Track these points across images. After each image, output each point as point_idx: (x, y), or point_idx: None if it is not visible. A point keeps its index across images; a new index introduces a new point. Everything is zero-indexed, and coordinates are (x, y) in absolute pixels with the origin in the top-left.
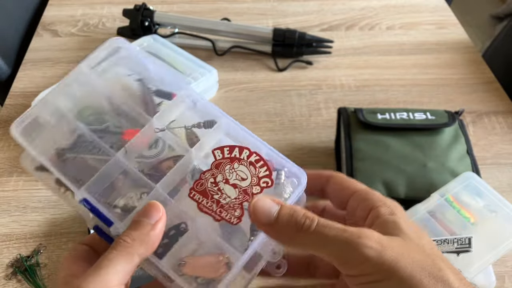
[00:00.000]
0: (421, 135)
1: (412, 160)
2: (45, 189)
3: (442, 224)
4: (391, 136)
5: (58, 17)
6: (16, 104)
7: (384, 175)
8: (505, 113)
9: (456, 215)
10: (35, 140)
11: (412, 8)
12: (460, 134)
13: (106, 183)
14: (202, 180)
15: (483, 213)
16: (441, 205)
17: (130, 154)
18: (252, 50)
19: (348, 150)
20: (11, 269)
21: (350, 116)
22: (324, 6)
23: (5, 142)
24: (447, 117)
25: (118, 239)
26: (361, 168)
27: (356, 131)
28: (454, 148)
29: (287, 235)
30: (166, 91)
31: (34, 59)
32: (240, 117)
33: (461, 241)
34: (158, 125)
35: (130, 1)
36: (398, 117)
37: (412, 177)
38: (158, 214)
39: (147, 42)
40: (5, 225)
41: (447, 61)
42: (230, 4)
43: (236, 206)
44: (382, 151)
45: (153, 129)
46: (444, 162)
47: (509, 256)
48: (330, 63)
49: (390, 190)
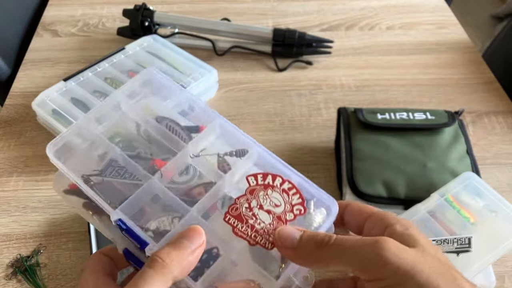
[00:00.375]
0: (421, 135)
1: (412, 160)
2: (46, 188)
3: (442, 224)
4: (391, 136)
5: (58, 17)
6: (16, 104)
7: (384, 175)
8: (505, 113)
9: (456, 215)
10: (68, 161)
11: (412, 8)
12: (460, 134)
13: (137, 207)
14: (236, 205)
15: (483, 213)
16: (441, 205)
17: (163, 179)
18: (252, 50)
19: (348, 150)
20: (11, 269)
21: (350, 116)
22: (324, 6)
23: (5, 142)
24: (447, 117)
25: (155, 256)
26: (361, 168)
27: (356, 131)
28: (454, 148)
29: (309, 255)
30: (193, 126)
31: (34, 59)
32: (240, 117)
33: (461, 241)
34: (193, 152)
35: (130, 1)
36: (398, 117)
37: (412, 177)
38: (200, 239)
39: (147, 42)
40: (5, 225)
41: (447, 61)
42: (230, 4)
43: (270, 231)
44: (382, 151)
45: (187, 155)
46: (444, 162)
47: (509, 256)
48: (330, 63)
49: (390, 190)
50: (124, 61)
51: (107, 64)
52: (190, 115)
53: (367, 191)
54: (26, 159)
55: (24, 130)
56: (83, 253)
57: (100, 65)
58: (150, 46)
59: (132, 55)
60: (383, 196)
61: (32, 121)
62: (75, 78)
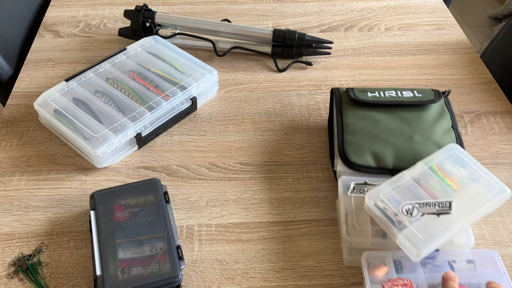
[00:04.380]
0: (408, 111)
1: (400, 133)
2: (48, 187)
3: (426, 190)
4: (380, 112)
5: (59, 18)
6: (18, 104)
7: (373, 146)
8: (503, 113)
9: (440, 183)
10: None
11: (411, 9)
12: (446, 111)
13: None
14: None
15: (465, 181)
16: (426, 173)
17: None
18: (252, 51)
19: (339, 125)
20: (13, 268)
21: (342, 95)
22: (324, 7)
23: (7, 142)
24: (433, 95)
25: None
26: (352, 140)
27: (347, 108)
28: (439, 123)
29: None
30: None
31: (36, 60)
32: (240, 117)
33: (442, 204)
34: None
35: (131, 2)
36: (387, 95)
37: (400, 149)
38: None
39: (148, 43)
40: (7, 224)
41: (446, 61)
42: (230, 5)
43: None
44: (372, 125)
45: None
46: (430, 135)
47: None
48: (329, 64)
49: (379, 161)
50: (125, 61)
51: (109, 65)
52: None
53: (357, 161)
54: (28, 158)
55: (26, 130)
56: (84, 252)
57: (102, 66)
58: (151, 46)
59: (133, 55)
60: (372, 166)
61: (34, 121)
62: (76, 78)
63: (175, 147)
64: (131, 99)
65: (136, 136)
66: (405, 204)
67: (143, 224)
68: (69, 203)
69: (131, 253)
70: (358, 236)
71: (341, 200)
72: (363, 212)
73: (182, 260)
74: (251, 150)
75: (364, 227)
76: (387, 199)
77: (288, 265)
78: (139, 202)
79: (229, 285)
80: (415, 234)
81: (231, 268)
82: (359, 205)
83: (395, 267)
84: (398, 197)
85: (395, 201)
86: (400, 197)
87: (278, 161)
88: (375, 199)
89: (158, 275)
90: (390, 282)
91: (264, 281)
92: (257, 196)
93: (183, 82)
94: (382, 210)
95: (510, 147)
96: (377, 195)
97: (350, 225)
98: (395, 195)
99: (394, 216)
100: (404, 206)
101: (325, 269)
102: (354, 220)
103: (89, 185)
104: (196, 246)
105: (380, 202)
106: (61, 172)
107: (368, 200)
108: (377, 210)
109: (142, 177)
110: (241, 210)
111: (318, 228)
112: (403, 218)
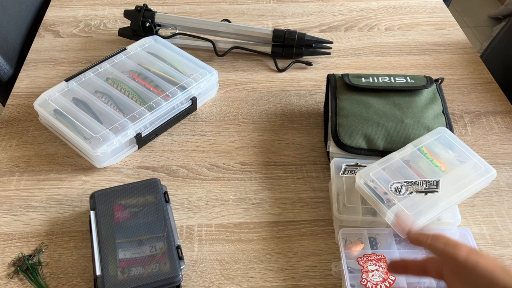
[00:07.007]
0: (400, 95)
1: (391, 117)
2: (48, 187)
3: (415, 170)
4: (373, 97)
5: (59, 18)
6: (18, 104)
7: (364, 129)
8: (503, 113)
9: (429, 164)
10: None
11: (411, 9)
12: (438, 97)
13: None
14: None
15: (453, 163)
16: (415, 155)
17: None
18: (252, 51)
19: (333, 108)
20: (13, 267)
21: (337, 80)
22: (324, 7)
23: (7, 142)
24: (426, 81)
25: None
26: (344, 123)
27: (341, 92)
28: (430, 108)
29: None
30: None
31: (36, 60)
32: (240, 117)
33: (429, 183)
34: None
35: (131, 2)
36: (381, 81)
37: (390, 132)
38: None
39: (148, 43)
40: (7, 224)
41: (446, 61)
42: (230, 5)
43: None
44: (364, 109)
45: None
46: (420, 119)
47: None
48: (329, 64)
49: (370, 143)
50: (125, 61)
51: (108, 65)
52: None
53: (349, 143)
54: (28, 158)
55: (26, 130)
56: (84, 252)
57: (102, 66)
58: (151, 46)
59: (133, 55)
60: (363, 148)
61: (34, 121)
62: (76, 78)
63: (175, 147)
64: (131, 99)
65: (136, 136)
66: (394, 182)
67: (143, 224)
68: (69, 203)
69: (131, 253)
70: (349, 214)
71: (333, 181)
72: (354, 192)
73: (182, 260)
74: (251, 150)
75: (355, 205)
76: (376, 179)
77: (288, 265)
78: (139, 202)
79: (229, 285)
80: (403, 211)
81: (231, 268)
82: (350, 186)
83: (370, 244)
84: (387, 176)
85: (385, 180)
86: (390, 177)
87: (278, 161)
88: (365, 178)
89: (158, 275)
90: (365, 257)
91: (264, 281)
92: (257, 196)
93: (183, 82)
94: (372, 189)
95: (510, 147)
96: (367, 175)
97: (342, 204)
98: (385, 174)
99: (384, 194)
100: (393, 185)
101: (325, 269)
102: (345, 199)
103: (89, 185)
104: (196, 246)
105: (370, 182)
106: (61, 172)
107: (359, 179)
108: (367, 188)
109: (142, 177)
110: (241, 210)
111: (318, 228)
112: (392, 196)
